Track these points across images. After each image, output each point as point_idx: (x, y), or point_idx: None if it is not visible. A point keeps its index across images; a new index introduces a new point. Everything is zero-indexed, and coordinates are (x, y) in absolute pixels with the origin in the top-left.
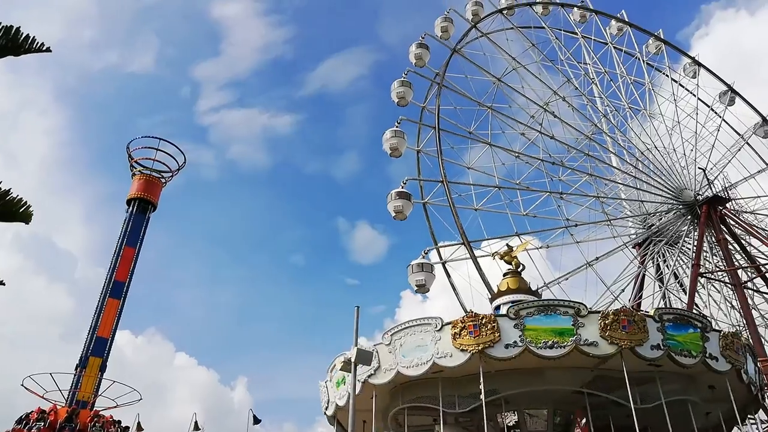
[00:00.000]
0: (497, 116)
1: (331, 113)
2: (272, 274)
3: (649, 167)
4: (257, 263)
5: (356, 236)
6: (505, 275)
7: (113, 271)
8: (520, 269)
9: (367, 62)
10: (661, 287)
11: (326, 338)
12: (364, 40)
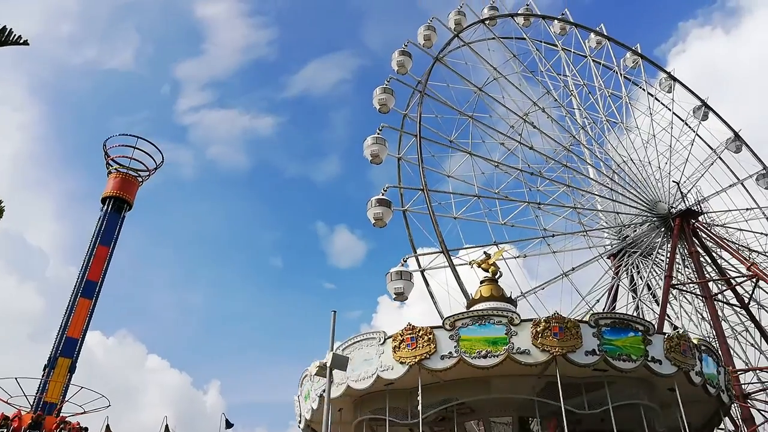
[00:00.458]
0: (478, 125)
1: (312, 116)
2: (249, 276)
3: (625, 179)
4: (233, 265)
5: (335, 240)
6: (481, 282)
7: (86, 270)
8: (497, 276)
9: (350, 67)
10: (634, 298)
11: (302, 342)
12: (348, 44)
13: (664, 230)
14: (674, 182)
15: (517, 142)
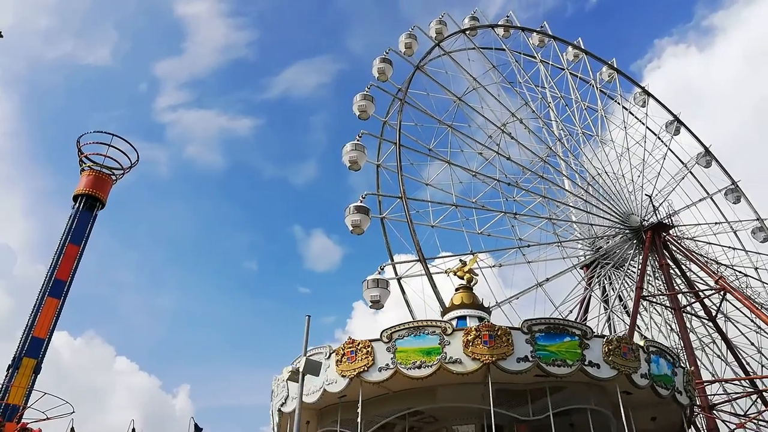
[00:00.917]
0: (456, 135)
1: (291, 119)
2: (222, 279)
3: (599, 191)
4: (207, 268)
5: (311, 244)
6: (456, 290)
7: (54, 268)
8: (472, 284)
9: (331, 71)
10: (606, 309)
11: (274, 347)
12: (329, 49)
13: (636, 242)
14: (647, 195)
15: (494, 152)
